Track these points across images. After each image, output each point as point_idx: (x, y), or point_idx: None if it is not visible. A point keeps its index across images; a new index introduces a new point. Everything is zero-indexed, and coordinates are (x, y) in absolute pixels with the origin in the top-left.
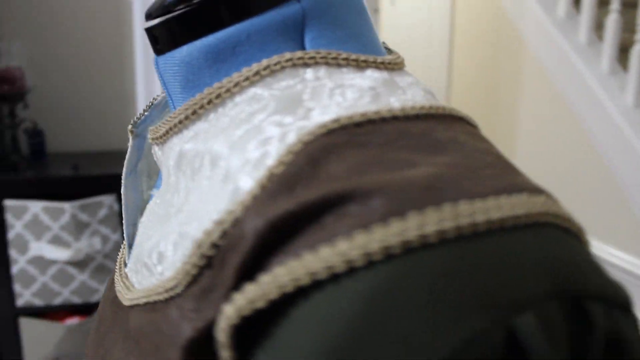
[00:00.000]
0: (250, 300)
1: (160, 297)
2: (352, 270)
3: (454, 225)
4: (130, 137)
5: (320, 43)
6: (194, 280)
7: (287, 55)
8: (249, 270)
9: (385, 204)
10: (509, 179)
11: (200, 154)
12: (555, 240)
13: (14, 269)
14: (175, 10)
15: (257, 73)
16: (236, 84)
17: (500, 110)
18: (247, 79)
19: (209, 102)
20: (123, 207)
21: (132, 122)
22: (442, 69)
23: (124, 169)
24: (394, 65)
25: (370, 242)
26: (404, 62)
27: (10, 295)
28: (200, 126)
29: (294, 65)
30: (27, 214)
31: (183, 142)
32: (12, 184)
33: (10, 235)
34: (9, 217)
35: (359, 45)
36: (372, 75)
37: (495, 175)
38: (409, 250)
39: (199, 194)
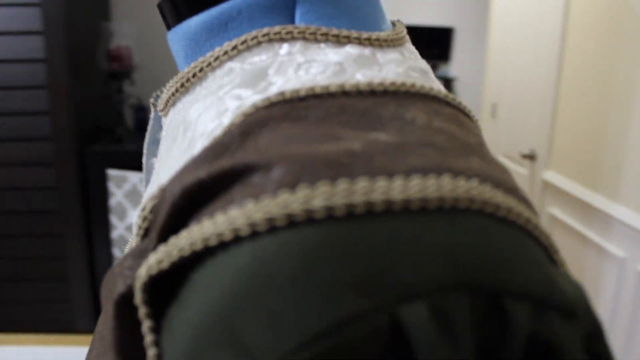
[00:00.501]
0: (157, 261)
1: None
2: (238, 239)
3: (345, 202)
4: (152, 110)
5: (309, 18)
6: (141, 241)
7: (265, 30)
8: (168, 233)
9: (281, 175)
10: (443, 160)
11: (179, 124)
12: (477, 229)
13: (114, 234)
14: None
15: (234, 48)
16: (216, 58)
17: (612, 105)
18: (225, 53)
19: (194, 75)
20: (144, 174)
21: (153, 95)
22: (553, 56)
23: (146, 139)
24: (385, 42)
25: (255, 212)
26: (404, 39)
27: (110, 259)
28: (187, 98)
29: (270, 40)
30: (127, 184)
31: (174, 114)
32: (116, 155)
33: (112, 202)
34: (111, 186)
35: (350, 20)
36: (347, 51)
37: (426, 155)
38: (293, 223)
39: (172, 161)
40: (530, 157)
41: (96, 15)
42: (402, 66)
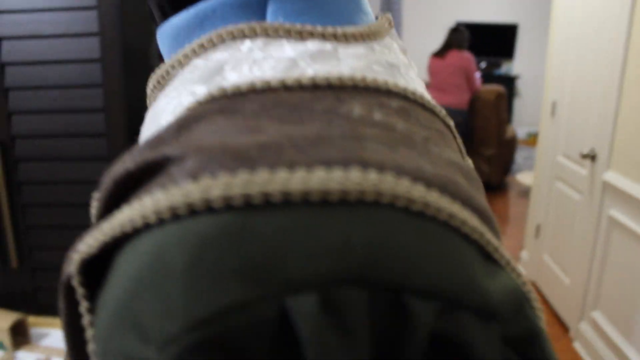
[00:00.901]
0: (86, 245)
1: None
2: (147, 226)
3: (242, 193)
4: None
5: (279, 15)
6: None
7: (230, 27)
8: (104, 219)
9: (190, 166)
10: (359, 153)
11: (151, 119)
12: (381, 223)
13: None
14: None
15: (201, 45)
16: (186, 56)
17: None
18: (193, 50)
19: (167, 72)
20: None
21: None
22: (616, 52)
23: None
24: (352, 36)
25: (161, 201)
26: (380, 33)
27: None
28: (161, 94)
29: (234, 38)
30: None
31: (151, 109)
32: None
33: None
34: None
35: (320, 16)
36: (306, 47)
37: (342, 147)
38: (194, 212)
39: None
40: (591, 157)
41: (149, 18)
42: (364, 60)
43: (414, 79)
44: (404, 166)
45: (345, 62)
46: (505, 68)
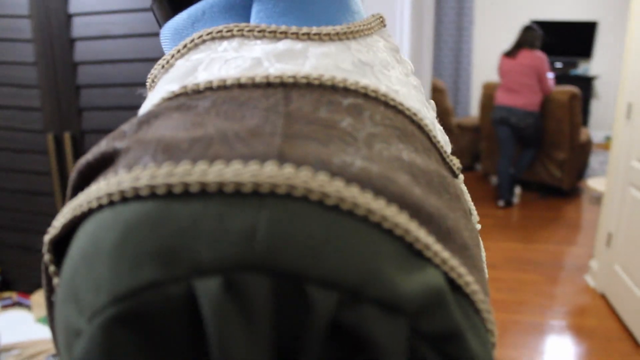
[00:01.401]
0: (53, 227)
1: None
2: (91, 211)
3: (164, 182)
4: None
5: (261, 16)
6: None
7: (210, 29)
8: None
9: (129, 158)
10: (283, 148)
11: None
12: (290, 214)
13: None
14: None
15: (185, 46)
16: (172, 56)
17: None
18: (178, 51)
19: (156, 75)
20: None
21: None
22: None
23: None
24: (327, 35)
25: (102, 189)
26: (362, 32)
27: None
28: (150, 94)
29: (213, 39)
30: None
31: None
32: None
33: None
34: None
35: (301, 16)
36: (275, 46)
37: (268, 143)
38: (125, 199)
39: None
40: None
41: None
42: (332, 59)
43: (390, 77)
44: (328, 161)
45: (311, 61)
46: (582, 68)
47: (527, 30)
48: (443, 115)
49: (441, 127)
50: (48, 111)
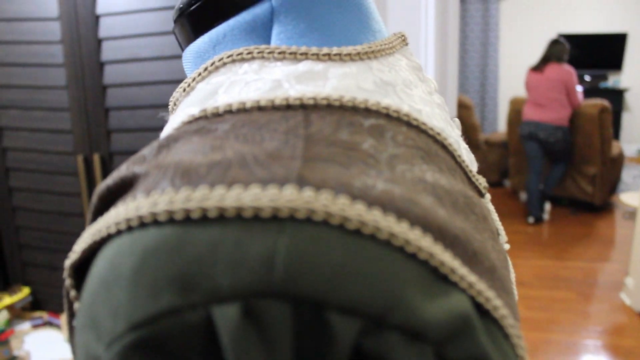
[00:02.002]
0: (73, 252)
1: None
2: (109, 237)
3: (182, 208)
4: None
5: (282, 37)
6: None
7: (231, 52)
8: None
9: (148, 183)
10: (303, 171)
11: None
12: (310, 239)
13: None
14: (176, 19)
15: (205, 69)
16: (193, 79)
17: None
18: (199, 74)
19: (178, 99)
20: None
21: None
22: None
23: None
24: (348, 56)
25: (119, 214)
26: (384, 51)
27: None
28: (171, 117)
29: (234, 61)
30: None
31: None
32: None
33: None
34: None
35: (321, 36)
36: (295, 68)
37: (287, 166)
38: (144, 224)
39: None
40: None
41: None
42: (353, 79)
43: (413, 96)
44: (349, 184)
45: (332, 81)
46: (612, 81)
47: (555, 44)
48: (470, 132)
49: (466, 146)
50: (78, 133)
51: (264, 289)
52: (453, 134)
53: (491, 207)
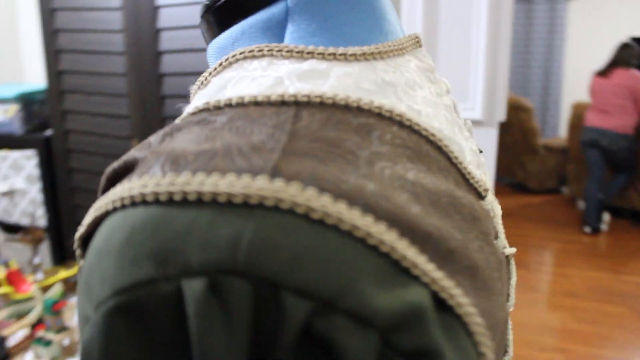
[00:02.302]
0: (82, 226)
1: None
2: (107, 213)
3: (166, 191)
4: None
5: (294, 36)
6: None
7: (244, 48)
8: None
9: (142, 168)
10: (278, 163)
11: None
12: (274, 226)
13: None
14: (202, 15)
15: (220, 64)
16: (210, 73)
17: None
18: (215, 69)
19: (198, 88)
20: None
21: None
22: None
23: None
24: (353, 56)
25: (116, 193)
26: (392, 52)
27: None
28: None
29: (245, 58)
30: None
31: None
32: None
33: None
34: None
35: (332, 36)
36: (299, 66)
37: (265, 157)
38: (134, 203)
39: None
40: None
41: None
42: (353, 78)
43: (415, 97)
44: (320, 178)
45: (331, 80)
46: None
47: (624, 48)
48: (528, 136)
49: (475, 148)
50: (135, 119)
51: (229, 267)
52: (459, 136)
53: (497, 209)
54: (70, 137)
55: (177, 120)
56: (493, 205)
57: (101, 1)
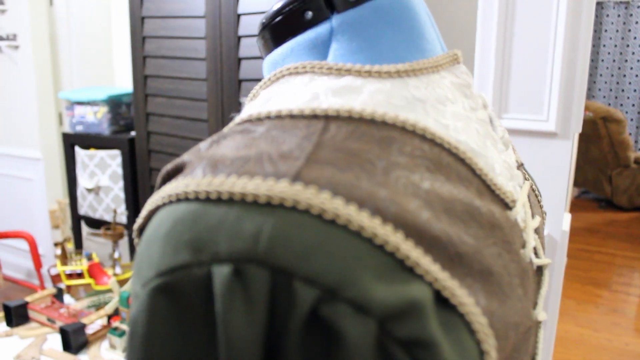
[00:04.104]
0: (140, 217)
1: None
2: (157, 207)
3: (204, 190)
4: None
5: (336, 54)
6: None
7: (290, 65)
8: None
9: (187, 170)
10: (301, 170)
11: None
12: (292, 223)
13: None
14: (260, 32)
15: (269, 79)
16: (260, 87)
17: None
18: (264, 83)
19: (250, 100)
20: None
21: None
22: None
23: None
24: (387, 73)
25: (165, 191)
26: (426, 70)
27: None
28: None
29: (290, 74)
30: None
31: None
32: None
33: None
34: None
35: (371, 54)
36: (335, 82)
37: (290, 164)
38: (179, 199)
39: None
40: None
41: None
42: (384, 95)
43: (444, 112)
44: (336, 183)
45: (363, 96)
46: None
47: None
48: (618, 148)
49: (510, 160)
50: (213, 123)
51: (250, 257)
52: (491, 149)
53: (530, 221)
54: (152, 139)
55: (225, 129)
56: (526, 216)
57: (186, 9)
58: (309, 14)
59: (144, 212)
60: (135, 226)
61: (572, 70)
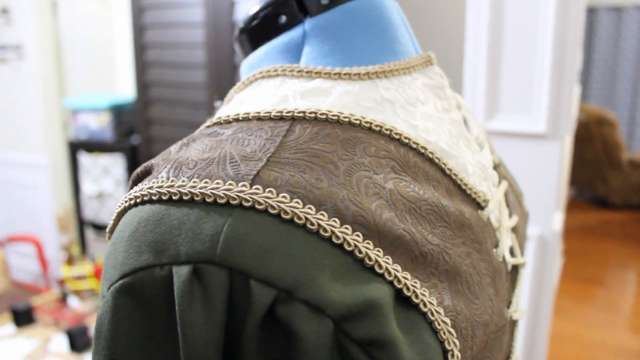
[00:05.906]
0: (111, 219)
1: None
2: (125, 209)
3: (167, 191)
4: None
5: (309, 57)
6: None
7: (262, 69)
8: None
9: (153, 173)
10: (261, 171)
11: None
12: (250, 224)
13: None
14: (237, 36)
15: (243, 83)
16: (235, 91)
17: None
18: (239, 87)
19: (226, 103)
20: None
21: None
22: None
23: None
24: (357, 75)
25: (131, 193)
26: (398, 71)
27: None
28: None
29: (263, 77)
30: None
31: None
32: None
33: None
34: None
35: (343, 57)
36: (304, 85)
37: (250, 165)
38: (143, 201)
39: None
40: None
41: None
42: (352, 96)
43: (414, 113)
44: (296, 184)
45: (331, 98)
46: None
47: None
48: (611, 149)
49: (484, 161)
50: None
51: (209, 258)
52: (463, 149)
53: (505, 221)
54: (153, 144)
55: (196, 132)
56: (501, 215)
57: (185, 17)
58: (283, 18)
59: (113, 215)
60: (108, 228)
61: (561, 72)
